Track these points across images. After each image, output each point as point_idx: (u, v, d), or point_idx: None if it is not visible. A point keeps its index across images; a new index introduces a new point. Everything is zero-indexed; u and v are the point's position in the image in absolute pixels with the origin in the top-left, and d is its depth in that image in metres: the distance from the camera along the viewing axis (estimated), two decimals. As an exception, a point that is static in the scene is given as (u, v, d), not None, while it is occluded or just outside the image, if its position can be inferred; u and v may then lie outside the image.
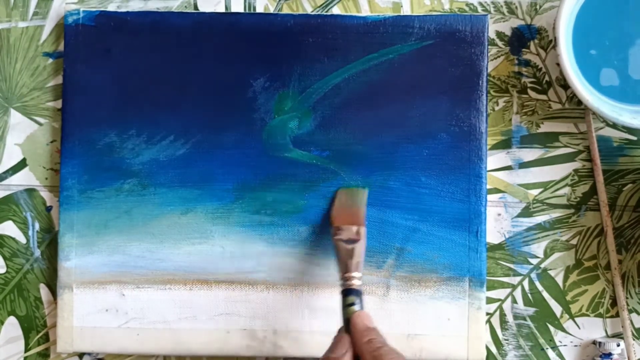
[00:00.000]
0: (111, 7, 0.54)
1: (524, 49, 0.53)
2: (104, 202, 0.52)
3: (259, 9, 0.53)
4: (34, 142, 0.54)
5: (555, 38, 0.49)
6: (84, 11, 0.53)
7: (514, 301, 0.52)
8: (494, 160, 0.53)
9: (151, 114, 0.52)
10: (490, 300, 0.52)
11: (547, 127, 0.53)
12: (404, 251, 0.51)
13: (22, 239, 0.54)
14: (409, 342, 0.51)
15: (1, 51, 0.54)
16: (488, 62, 0.52)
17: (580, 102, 0.52)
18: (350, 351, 0.43)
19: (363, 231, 0.48)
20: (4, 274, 0.54)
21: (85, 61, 0.52)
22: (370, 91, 0.52)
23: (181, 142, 0.52)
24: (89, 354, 0.53)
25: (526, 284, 0.52)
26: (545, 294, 0.52)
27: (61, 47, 0.53)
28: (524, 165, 0.52)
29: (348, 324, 0.45)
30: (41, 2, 0.54)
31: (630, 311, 0.52)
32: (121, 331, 0.52)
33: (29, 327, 0.53)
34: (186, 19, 0.52)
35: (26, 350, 0.53)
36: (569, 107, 0.53)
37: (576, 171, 0.52)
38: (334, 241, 0.48)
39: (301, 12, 0.53)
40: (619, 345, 0.51)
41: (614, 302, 0.52)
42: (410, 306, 0.51)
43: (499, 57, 0.53)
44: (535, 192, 0.52)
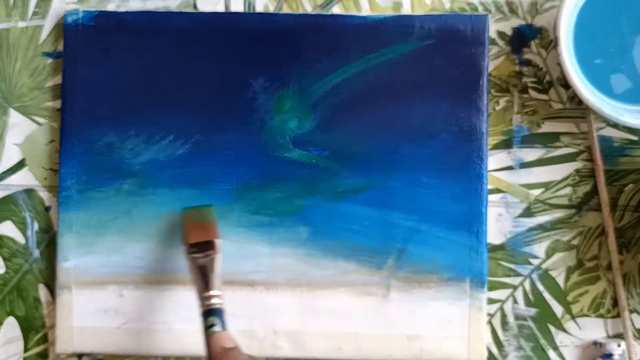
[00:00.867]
0: (110, 7, 0.53)
1: (524, 49, 0.53)
2: (103, 203, 0.52)
3: (259, 8, 0.53)
4: (33, 142, 0.54)
5: (556, 38, 0.49)
6: (83, 11, 0.53)
7: (515, 302, 0.52)
8: (495, 160, 0.52)
9: (151, 114, 0.52)
10: (491, 301, 0.52)
11: (548, 127, 0.52)
12: (404, 251, 0.51)
13: (21, 239, 0.53)
14: (410, 343, 0.51)
15: (0, 51, 0.54)
16: (489, 61, 0.52)
17: (581, 102, 0.52)
18: None
19: (219, 244, 0.48)
20: (3, 274, 0.53)
21: (85, 61, 0.52)
22: (370, 91, 0.52)
23: (181, 142, 0.52)
24: (88, 354, 0.53)
25: (527, 284, 0.52)
26: (547, 295, 0.52)
27: (61, 47, 0.53)
28: (525, 165, 0.52)
29: (208, 347, 0.43)
30: (41, 1, 0.54)
31: (631, 312, 0.52)
32: (120, 331, 0.52)
33: (28, 328, 0.53)
34: (186, 19, 0.52)
35: (25, 351, 0.53)
36: (570, 107, 0.52)
37: (577, 171, 0.52)
38: (190, 260, 0.47)
39: (301, 11, 0.53)
40: (619, 345, 0.50)
41: (615, 302, 0.52)
42: (411, 307, 0.51)
43: (499, 56, 0.53)
44: (537, 192, 0.52)
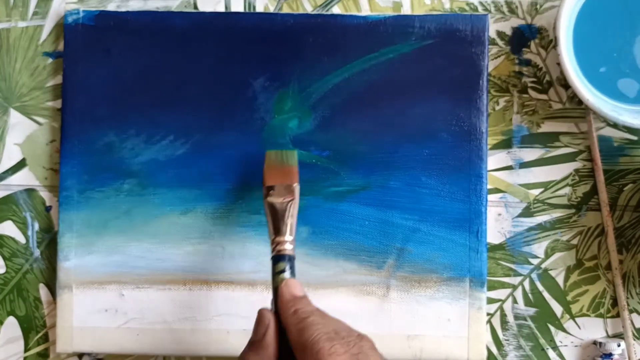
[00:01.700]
0: (111, 7, 0.53)
1: (524, 49, 0.53)
2: (103, 202, 0.52)
3: (259, 8, 0.53)
4: (33, 142, 0.54)
5: (555, 38, 0.49)
6: (83, 11, 0.53)
7: (515, 301, 0.52)
8: (495, 160, 0.52)
9: (151, 114, 0.52)
10: (490, 301, 0.52)
11: (548, 126, 0.52)
12: (404, 251, 0.51)
13: (21, 239, 0.53)
14: (409, 343, 0.51)
15: (1, 51, 0.54)
16: (488, 61, 0.52)
17: (580, 102, 0.52)
18: (271, 328, 0.40)
19: (297, 189, 0.47)
20: (3, 274, 0.53)
21: (85, 61, 0.52)
22: (370, 91, 0.52)
23: (181, 142, 0.52)
24: (88, 354, 0.53)
25: (527, 284, 0.52)
26: (546, 294, 0.52)
27: (61, 47, 0.53)
28: (524, 165, 0.52)
29: (276, 294, 0.42)
30: (41, 1, 0.54)
31: (630, 311, 0.52)
32: (121, 331, 0.52)
33: (28, 327, 0.53)
34: (186, 19, 0.52)
35: (26, 351, 0.53)
36: (569, 107, 0.52)
37: (577, 171, 0.52)
38: (266, 203, 0.46)
39: (301, 11, 0.53)
40: (619, 345, 0.50)
41: (615, 302, 0.52)
42: (411, 306, 0.51)
43: (499, 56, 0.53)
44: (536, 192, 0.52)
